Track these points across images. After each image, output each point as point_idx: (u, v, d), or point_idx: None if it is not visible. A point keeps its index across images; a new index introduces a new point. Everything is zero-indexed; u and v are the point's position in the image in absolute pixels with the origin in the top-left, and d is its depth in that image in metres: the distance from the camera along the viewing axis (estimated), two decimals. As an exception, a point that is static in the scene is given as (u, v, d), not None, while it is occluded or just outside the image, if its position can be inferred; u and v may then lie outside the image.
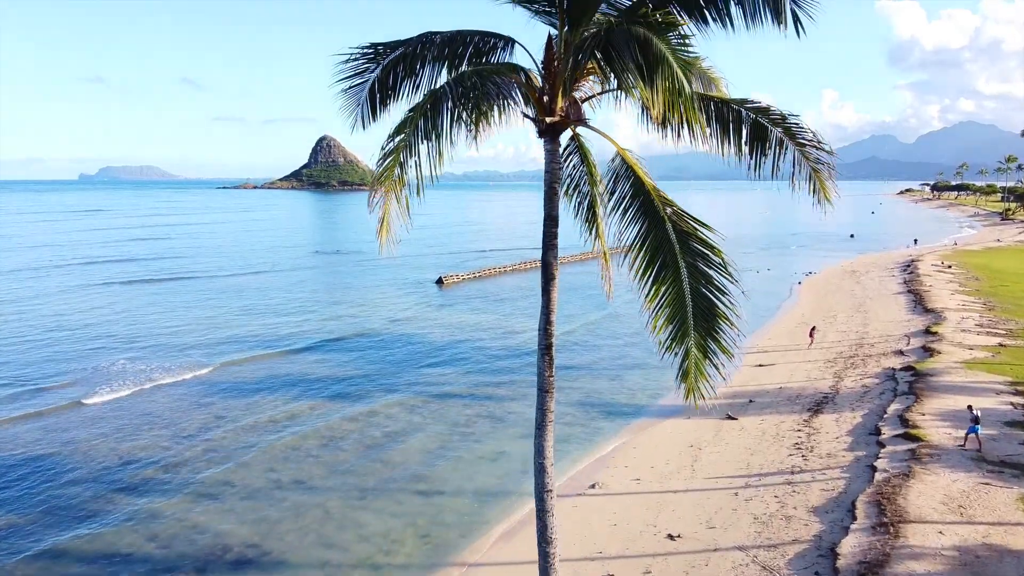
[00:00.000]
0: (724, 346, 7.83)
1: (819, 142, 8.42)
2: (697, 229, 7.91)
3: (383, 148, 7.29)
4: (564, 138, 9.28)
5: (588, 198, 8.77)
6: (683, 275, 7.56)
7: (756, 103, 8.51)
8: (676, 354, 7.83)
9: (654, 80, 6.56)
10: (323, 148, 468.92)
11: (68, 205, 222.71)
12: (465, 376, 33.68)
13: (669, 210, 7.99)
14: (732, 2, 7.71)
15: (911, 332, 38.14)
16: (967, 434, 21.21)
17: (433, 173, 7.40)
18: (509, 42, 9.17)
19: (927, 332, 37.18)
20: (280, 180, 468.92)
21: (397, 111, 8.85)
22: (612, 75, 8.01)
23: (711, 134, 8.47)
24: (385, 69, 8.70)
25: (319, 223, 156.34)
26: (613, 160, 8.70)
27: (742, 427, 25.92)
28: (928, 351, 32.94)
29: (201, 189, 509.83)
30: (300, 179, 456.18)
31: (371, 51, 8.80)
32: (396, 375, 33.71)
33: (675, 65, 6.47)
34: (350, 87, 8.97)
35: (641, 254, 7.90)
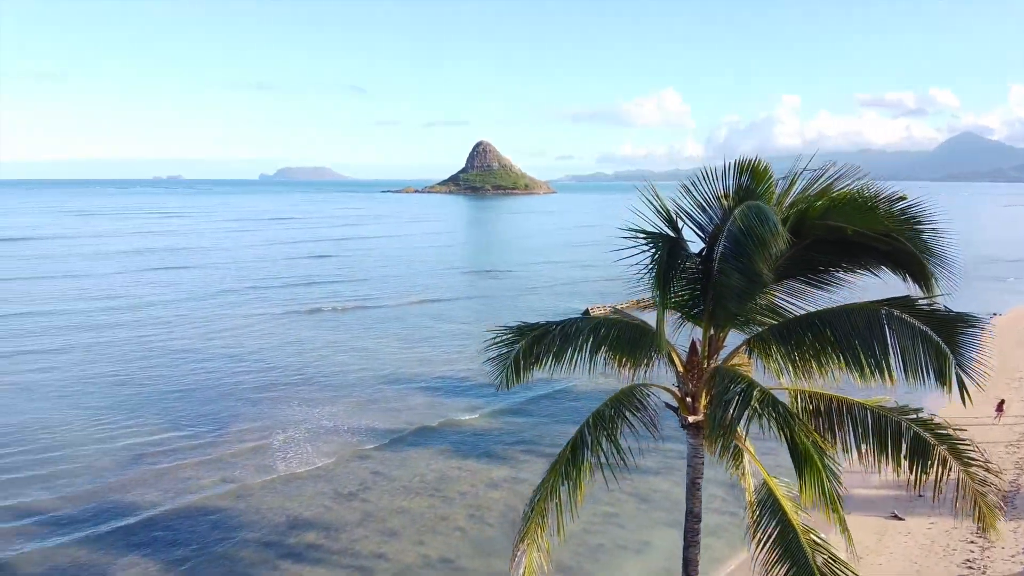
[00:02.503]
0: None
1: (987, 463, 7.74)
2: (851, 587, 7.51)
3: (524, 514, 7.58)
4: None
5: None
6: (835, 641, 7.18)
7: (918, 412, 7.94)
8: None
9: (803, 472, 6.35)
10: (479, 153, 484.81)
11: (255, 212, 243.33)
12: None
13: (820, 558, 7.62)
14: (892, 360, 7.26)
15: (1118, 412, 33.59)
16: None
17: (573, 513, 7.59)
18: (653, 334, 9.21)
19: None
20: (438, 185, 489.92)
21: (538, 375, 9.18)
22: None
23: (867, 450, 7.99)
24: (529, 342, 9.07)
25: (475, 236, 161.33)
26: (760, 490, 8.45)
27: (909, 531, 23.99)
28: None
29: (367, 191, 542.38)
30: (457, 183, 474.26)
31: (519, 328, 9.23)
32: (539, 431, 34.16)
33: (823, 472, 6.22)
34: (498, 354, 9.46)
35: (788, 604, 7.56)
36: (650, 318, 9.14)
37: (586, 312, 63.62)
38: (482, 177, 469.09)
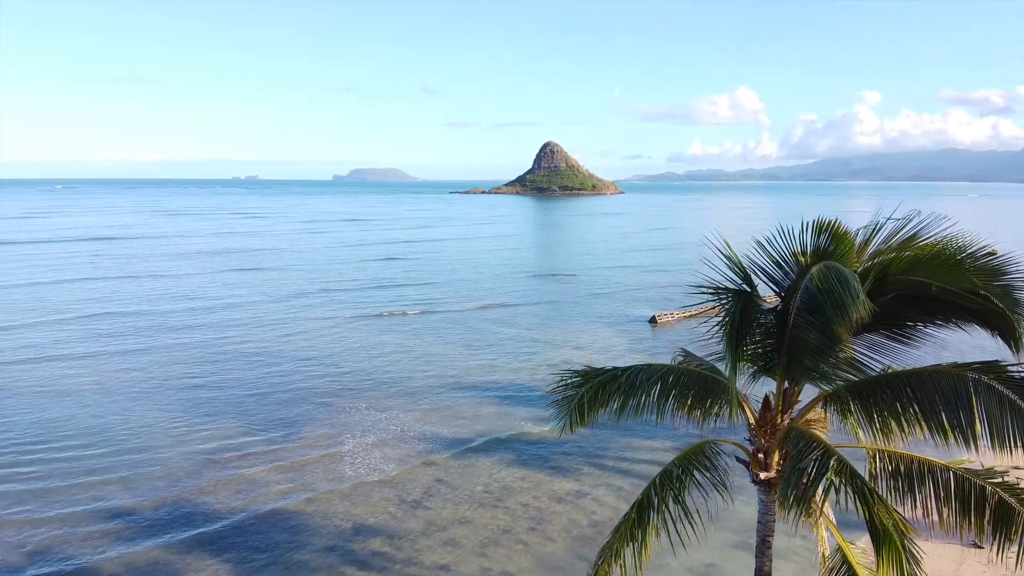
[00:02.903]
0: None
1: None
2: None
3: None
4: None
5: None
6: None
7: (1002, 475, 7.46)
8: None
9: (880, 550, 6.05)
10: (546, 154, 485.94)
11: (329, 213, 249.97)
12: (674, 455, 32.92)
13: (896, 630, 7.26)
14: (979, 427, 6.85)
15: None
16: None
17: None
18: (724, 387, 8.98)
19: None
20: (506, 186, 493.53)
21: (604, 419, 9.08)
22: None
23: (948, 514, 7.56)
24: (594, 387, 8.97)
25: (540, 239, 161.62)
26: (834, 554, 8.11)
27: (988, 560, 22.69)
28: None
29: (436, 192, 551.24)
30: (524, 184, 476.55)
31: (585, 372, 9.15)
32: (603, 444, 33.81)
33: (903, 553, 5.91)
34: (563, 397, 9.42)
35: None
36: (722, 364, 8.89)
37: (653, 319, 62.66)
38: (548, 178, 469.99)
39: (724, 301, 8.56)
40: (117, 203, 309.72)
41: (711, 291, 8.79)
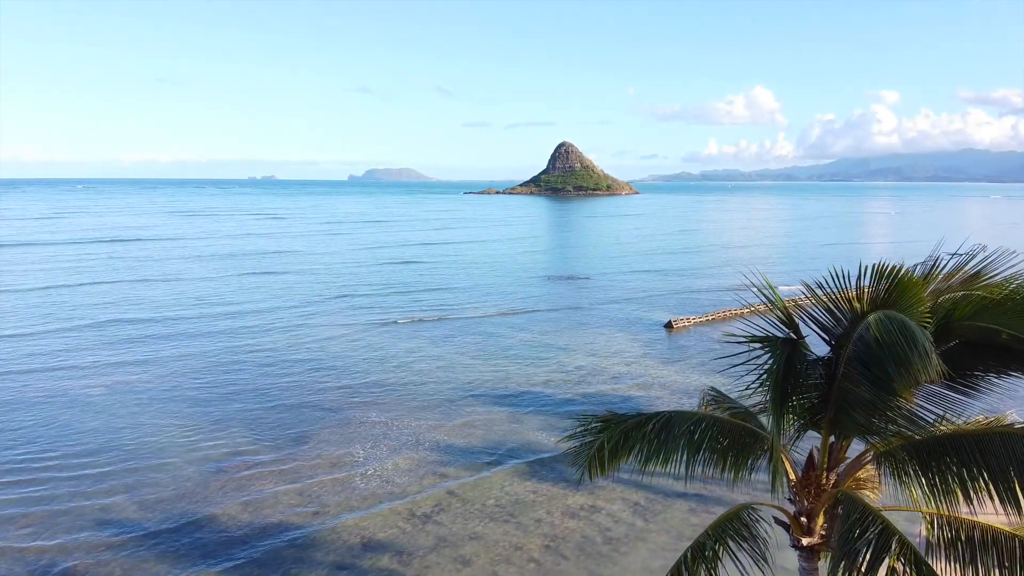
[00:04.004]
0: None
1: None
2: None
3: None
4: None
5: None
6: None
7: None
8: None
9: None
10: (561, 154, 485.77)
11: (346, 214, 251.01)
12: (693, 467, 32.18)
13: None
14: None
15: None
16: None
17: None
18: (761, 441, 8.29)
19: None
20: (520, 186, 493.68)
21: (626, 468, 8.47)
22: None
23: None
24: (617, 435, 8.35)
25: (555, 241, 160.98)
26: None
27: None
28: None
29: (452, 193, 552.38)
30: (538, 184, 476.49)
31: (606, 419, 8.56)
32: (620, 456, 33.14)
33: None
34: (582, 443, 8.85)
35: None
36: (762, 415, 8.19)
37: (668, 324, 61.72)
38: (563, 178, 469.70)
39: (768, 351, 7.79)
40: (136, 203, 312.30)
41: (753, 339, 8.03)
